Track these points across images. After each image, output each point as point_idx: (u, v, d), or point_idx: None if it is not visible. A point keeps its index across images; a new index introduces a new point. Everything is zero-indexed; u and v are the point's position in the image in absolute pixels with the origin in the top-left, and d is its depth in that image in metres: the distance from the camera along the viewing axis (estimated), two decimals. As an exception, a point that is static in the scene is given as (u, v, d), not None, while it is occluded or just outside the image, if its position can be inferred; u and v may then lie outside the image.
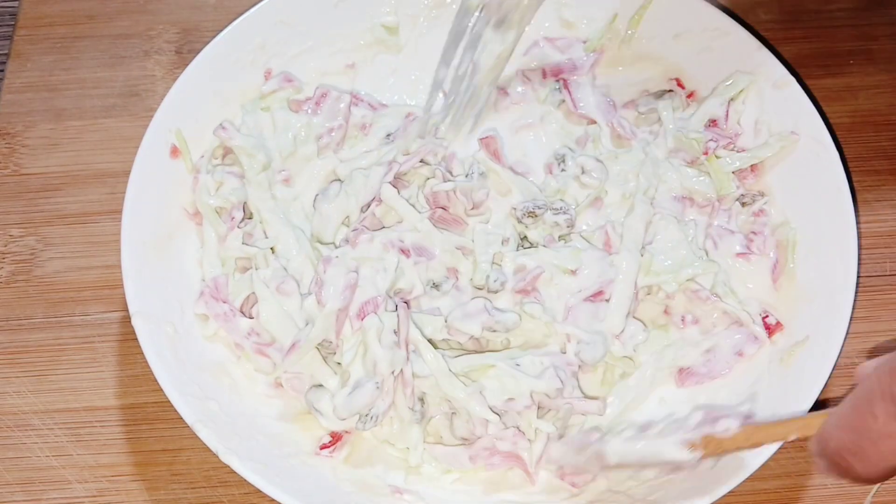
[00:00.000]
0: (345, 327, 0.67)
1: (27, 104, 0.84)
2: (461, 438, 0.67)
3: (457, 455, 0.66)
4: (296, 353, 0.66)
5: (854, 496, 0.68)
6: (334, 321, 0.67)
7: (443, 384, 0.65)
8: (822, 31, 0.87)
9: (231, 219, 0.71)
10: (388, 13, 0.81)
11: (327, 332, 0.67)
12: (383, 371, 0.64)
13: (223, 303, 0.69)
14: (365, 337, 0.65)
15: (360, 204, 0.72)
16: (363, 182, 0.72)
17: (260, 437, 0.65)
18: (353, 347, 0.66)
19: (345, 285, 0.67)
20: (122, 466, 0.69)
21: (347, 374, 0.66)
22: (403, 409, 0.66)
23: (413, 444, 0.66)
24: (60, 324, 0.74)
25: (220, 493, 0.68)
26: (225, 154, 0.75)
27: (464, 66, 0.73)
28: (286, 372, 0.68)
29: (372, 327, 0.65)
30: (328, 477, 0.65)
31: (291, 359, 0.67)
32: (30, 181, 0.80)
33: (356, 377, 0.65)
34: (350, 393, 0.64)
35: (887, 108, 0.84)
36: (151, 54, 0.86)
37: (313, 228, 0.73)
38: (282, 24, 0.78)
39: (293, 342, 0.67)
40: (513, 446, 0.66)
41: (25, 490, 0.68)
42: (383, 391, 0.64)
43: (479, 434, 0.66)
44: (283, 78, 0.78)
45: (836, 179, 0.70)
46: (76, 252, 0.77)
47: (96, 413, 0.71)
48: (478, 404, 0.65)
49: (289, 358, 0.67)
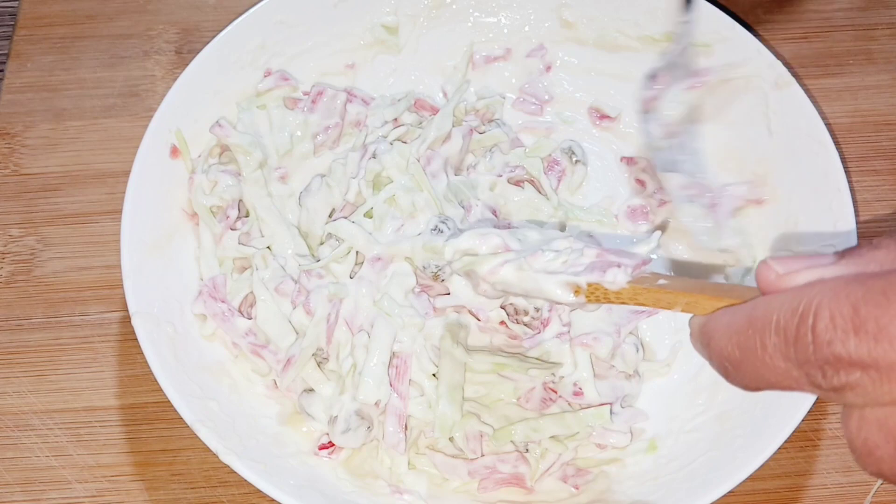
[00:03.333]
0: (337, 333, 0.67)
1: (27, 104, 0.84)
2: (458, 448, 0.66)
3: (456, 467, 0.66)
4: (293, 369, 0.67)
5: (854, 496, 0.68)
6: (324, 328, 0.67)
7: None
8: (821, 31, 0.87)
9: (226, 217, 0.72)
10: (387, 13, 0.81)
11: (319, 340, 0.67)
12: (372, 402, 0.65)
13: (221, 302, 0.69)
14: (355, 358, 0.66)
15: (343, 194, 0.72)
16: (342, 171, 0.72)
17: (260, 437, 0.65)
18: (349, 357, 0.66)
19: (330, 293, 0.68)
20: (121, 466, 0.69)
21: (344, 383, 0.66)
22: (389, 436, 0.65)
23: (397, 466, 0.66)
24: (60, 324, 0.74)
25: (220, 493, 0.68)
26: (222, 152, 0.75)
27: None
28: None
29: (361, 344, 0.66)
30: (328, 477, 0.65)
31: (290, 374, 0.67)
32: (30, 181, 0.80)
33: (346, 414, 0.65)
34: (343, 432, 0.65)
35: (887, 108, 0.84)
36: (151, 54, 0.86)
37: (301, 226, 0.73)
38: (281, 24, 0.78)
39: (288, 357, 0.67)
40: (514, 469, 0.65)
41: (25, 490, 0.68)
42: (375, 424, 0.65)
43: (474, 448, 0.65)
44: (280, 76, 0.78)
45: (836, 179, 0.70)
46: (76, 252, 0.77)
47: (96, 413, 0.71)
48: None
49: (286, 374, 0.67)
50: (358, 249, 0.69)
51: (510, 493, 0.65)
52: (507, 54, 0.83)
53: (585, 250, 0.57)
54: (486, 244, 0.61)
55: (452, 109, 0.76)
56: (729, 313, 0.45)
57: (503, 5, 0.83)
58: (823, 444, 0.70)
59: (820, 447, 0.70)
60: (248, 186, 0.73)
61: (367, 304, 0.67)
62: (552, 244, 0.59)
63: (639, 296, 0.54)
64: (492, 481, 0.65)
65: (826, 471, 0.69)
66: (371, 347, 0.65)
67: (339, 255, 0.69)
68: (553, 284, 0.56)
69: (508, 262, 0.59)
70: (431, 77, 0.82)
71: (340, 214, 0.72)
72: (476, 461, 0.65)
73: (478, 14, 0.83)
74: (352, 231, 0.69)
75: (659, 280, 0.54)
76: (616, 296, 0.54)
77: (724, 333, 0.45)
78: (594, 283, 0.55)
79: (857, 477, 0.69)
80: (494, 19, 0.83)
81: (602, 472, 0.66)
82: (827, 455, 0.70)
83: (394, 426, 0.65)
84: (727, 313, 0.45)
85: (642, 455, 0.66)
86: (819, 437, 0.70)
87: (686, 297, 0.51)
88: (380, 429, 0.65)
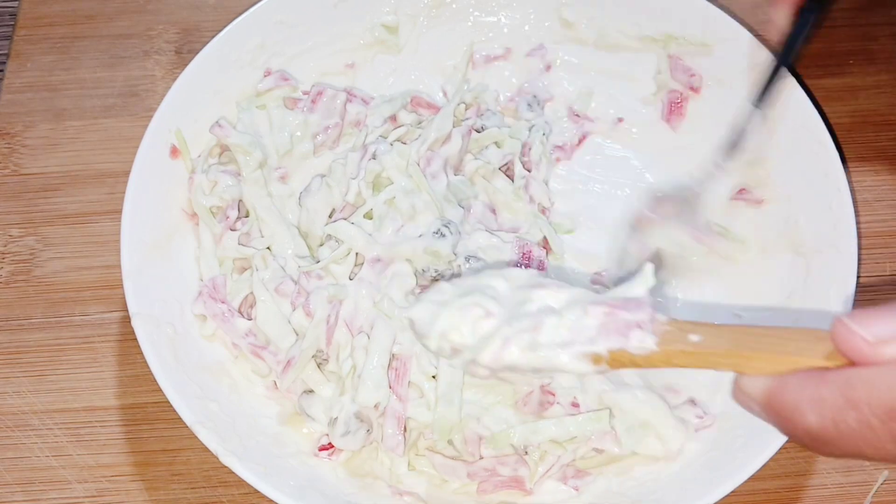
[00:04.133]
0: (337, 335, 0.67)
1: (27, 104, 0.84)
2: (457, 451, 0.66)
3: (456, 468, 0.65)
4: (293, 370, 0.67)
5: (854, 496, 0.68)
6: (324, 330, 0.67)
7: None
8: (822, 31, 0.87)
9: (226, 217, 0.72)
10: (387, 13, 0.81)
11: (319, 341, 0.67)
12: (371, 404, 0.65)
13: (221, 303, 0.69)
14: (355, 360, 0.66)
15: (343, 195, 0.72)
16: (342, 172, 0.72)
17: (260, 438, 0.65)
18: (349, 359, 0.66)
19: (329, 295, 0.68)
20: (121, 466, 0.69)
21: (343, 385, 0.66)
22: (388, 439, 0.65)
23: (396, 468, 0.66)
24: (60, 324, 0.74)
25: (220, 493, 0.68)
26: (222, 152, 0.75)
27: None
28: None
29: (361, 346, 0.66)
30: (328, 478, 0.65)
31: (290, 375, 0.67)
32: (29, 181, 0.80)
33: (346, 416, 0.65)
34: (343, 435, 0.65)
35: (887, 108, 0.84)
36: (151, 54, 0.86)
37: (301, 226, 0.73)
38: (281, 23, 0.78)
39: (288, 359, 0.67)
40: (513, 472, 0.65)
41: (25, 490, 0.68)
42: (374, 426, 0.65)
43: (472, 451, 0.65)
44: (280, 76, 0.78)
45: (836, 179, 0.70)
46: (76, 252, 0.77)
47: (96, 413, 0.71)
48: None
49: (286, 375, 0.67)
50: (357, 251, 0.69)
51: (510, 496, 0.65)
52: (507, 54, 0.83)
53: (589, 308, 0.50)
54: (466, 317, 0.53)
55: (453, 110, 0.76)
56: (812, 386, 0.42)
57: (503, 5, 0.83)
58: (823, 444, 0.70)
59: (820, 447, 0.70)
60: (248, 186, 0.73)
61: (367, 305, 0.67)
62: (536, 299, 0.52)
63: (673, 359, 0.47)
64: (491, 483, 0.65)
65: (826, 471, 0.69)
66: (370, 349, 0.65)
67: (339, 257, 0.69)
68: (568, 359, 0.50)
69: (509, 341, 0.51)
70: (431, 77, 0.82)
71: (340, 215, 0.72)
72: (475, 463, 0.65)
73: (478, 13, 0.83)
74: (351, 232, 0.69)
75: (690, 336, 0.47)
76: (646, 360, 0.48)
77: (814, 410, 0.42)
78: (617, 350, 0.48)
79: (857, 477, 0.69)
80: (494, 19, 0.83)
81: (602, 473, 0.66)
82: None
83: (393, 428, 0.65)
84: (808, 385, 0.42)
85: (642, 456, 0.66)
86: (819, 437, 0.70)
87: (731, 358, 0.45)
88: (379, 431, 0.65)
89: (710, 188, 0.72)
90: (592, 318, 0.50)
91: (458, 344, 0.53)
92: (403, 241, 0.68)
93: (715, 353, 0.46)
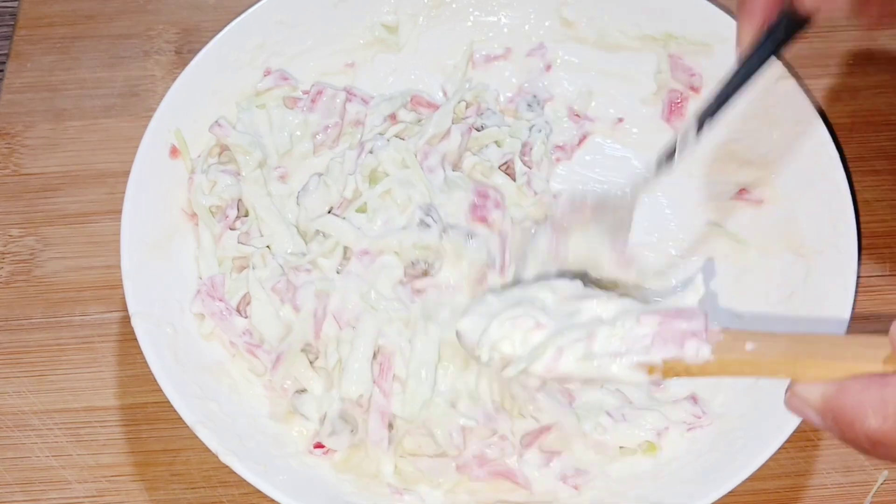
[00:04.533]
0: (325, 329, 0.67)
1: (27, 104, 0.84)
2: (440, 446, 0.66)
3: (443, 466, 0.65)
4: (282, 366, 0.67)
5: (854, 496, 0.68)
6: (312, 324, 0.67)
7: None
8: (821, 31, 0.87)
9: (225, 217, 0.72)
10: (387, 12, 0.81)
11: (307, 335, 0.67)
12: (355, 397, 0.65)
13: (219, 301, 0.69)
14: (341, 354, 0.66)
15: (340, 192, 0.72)
16: (340, 170, 0.72)
17: (260, 437, 0.65)
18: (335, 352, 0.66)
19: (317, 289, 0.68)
20: (121, 466, 0.69)
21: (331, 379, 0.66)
22: (373, 433, 0.65)
23: (383, 466, 0.65)
24: (60, 324, 0.74)
25: (220, 493, 0.68)
26: (221, 152, 0.75)
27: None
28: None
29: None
30: (328, 477, 0.65)
31: (279, 371, 0.67)
32: (29, 181, 0.80)
33: (333, 414, 0.65)
34: (329, 434, 0.65)
35: (887, 108, 0.84)
36: (151, 54, 0.86)
37: (300, 225, 0.73)
38: (281, 23, 0.78)
39: (277, 354, 0.67)
40: (500, 453, 0.65)
41: (25, 490, 0.68)
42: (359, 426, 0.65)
43: (457, 443, 0.65)
44: (280, 76, 0.78)
45: (836, 179, 0.70)
46: (76, 252, 0.77)
47: (96, 413, 0.71)
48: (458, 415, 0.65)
49: (277, 371, 0.67)
50: (346, 244, 0.69)
51: (510, 494, 0.65)
52: (507, 53, 0.83)
53: (642, 318, 0.51)
54: (517, 328, 0.54)
55: (453, 107, 0.76)
56: (874, 390, 0.42)
57: (503, 4, 0.83)
58: (823, 444, 0.70)
59: (820, 447, 0.70)
60: (248, 186, 0.73)
61: (355, 298, 0.67)
62: (585, 310, 0.53)
63: (729, 367, 0.47)
64: (483, 472, 0.65)
65: (826, 471, 0.69)
66: (355, 342, 0.65)
67: (326, 251, 0.69)
68: (622, 369, 0.50)
69: (562, 351, 0.52)
70: (431, 76, 0.82)
71: (337, 212, 0.72)
72: (461, 455, 0.65)
73: (478, 13, 0.83)
74: (339, 226, 0.69)
75: (747, 344, 0.47)
76: (700, 369, 0.48)
77: (877, 413, 0.42)
78: (672, 359, 0.49)
79: (857, 477, 0.69)
80: (494, 18, 0.83)
81: (602, 472, 0.66)
82: (827, 455, 0.70)
83: (377, 422, 0.65)
84: (869, 389, 0.42)
85: (642, 456, 0.66)
86: (819, 437, 0.70)
87: (788, 365, 0.45)
88: (364, 428, 0.65)
89: (639, 200, 0.68)
90: (646, 327, 0.51)
91: (509, 355, 0.54)
92: (390, 233, 0.69)
93: (771, 361, 0.46)
